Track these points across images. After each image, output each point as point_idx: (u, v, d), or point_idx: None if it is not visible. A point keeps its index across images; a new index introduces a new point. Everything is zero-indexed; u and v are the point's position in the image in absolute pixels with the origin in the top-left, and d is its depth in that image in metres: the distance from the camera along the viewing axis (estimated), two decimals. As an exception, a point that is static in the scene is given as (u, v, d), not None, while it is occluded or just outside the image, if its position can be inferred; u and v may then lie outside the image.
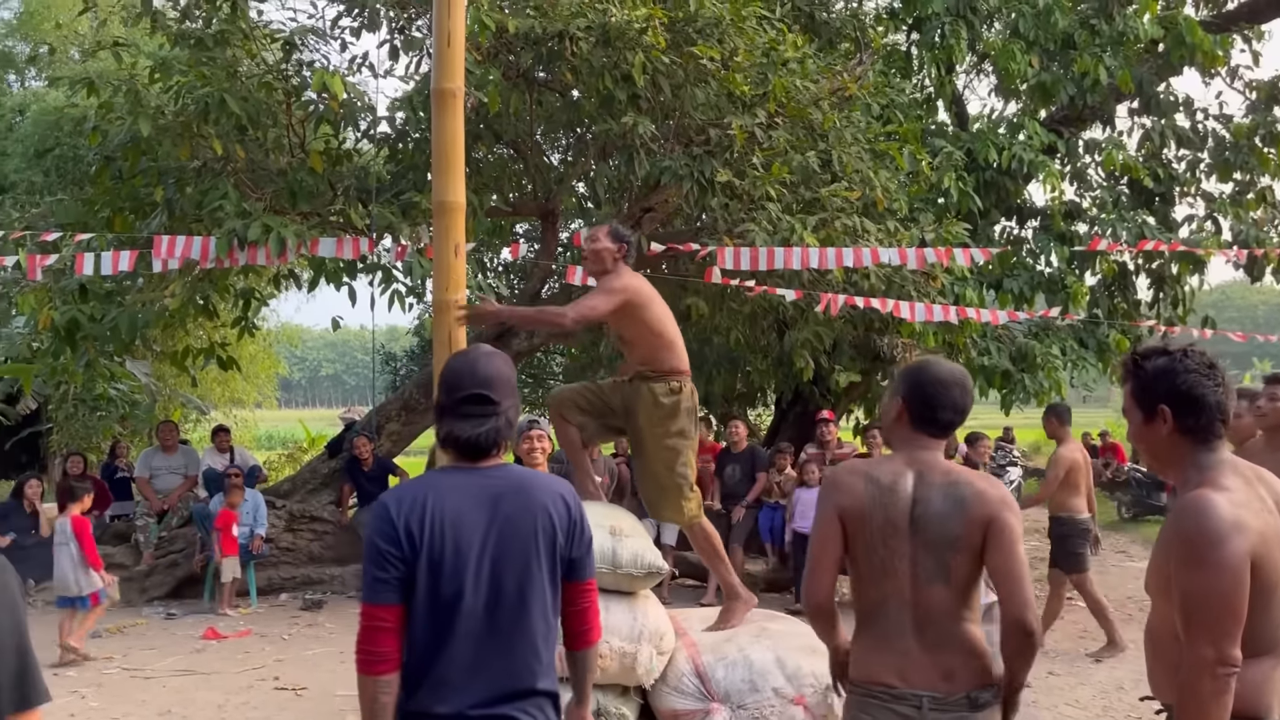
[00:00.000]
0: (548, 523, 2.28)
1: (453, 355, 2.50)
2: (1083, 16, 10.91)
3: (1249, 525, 2.11)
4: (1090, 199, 11.71)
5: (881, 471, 2.53)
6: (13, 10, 22.30)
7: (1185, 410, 2.24)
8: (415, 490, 2.30)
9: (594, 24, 8.01)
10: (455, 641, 2.20)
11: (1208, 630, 2.07)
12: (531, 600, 2.25)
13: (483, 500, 2.26)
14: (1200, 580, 2.09)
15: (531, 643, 2.25)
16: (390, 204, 8.41)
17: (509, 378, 2.40)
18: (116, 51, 8.71)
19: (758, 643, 3.48)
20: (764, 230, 8.29)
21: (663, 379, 4.06)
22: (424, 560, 2.19)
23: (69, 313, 8.26)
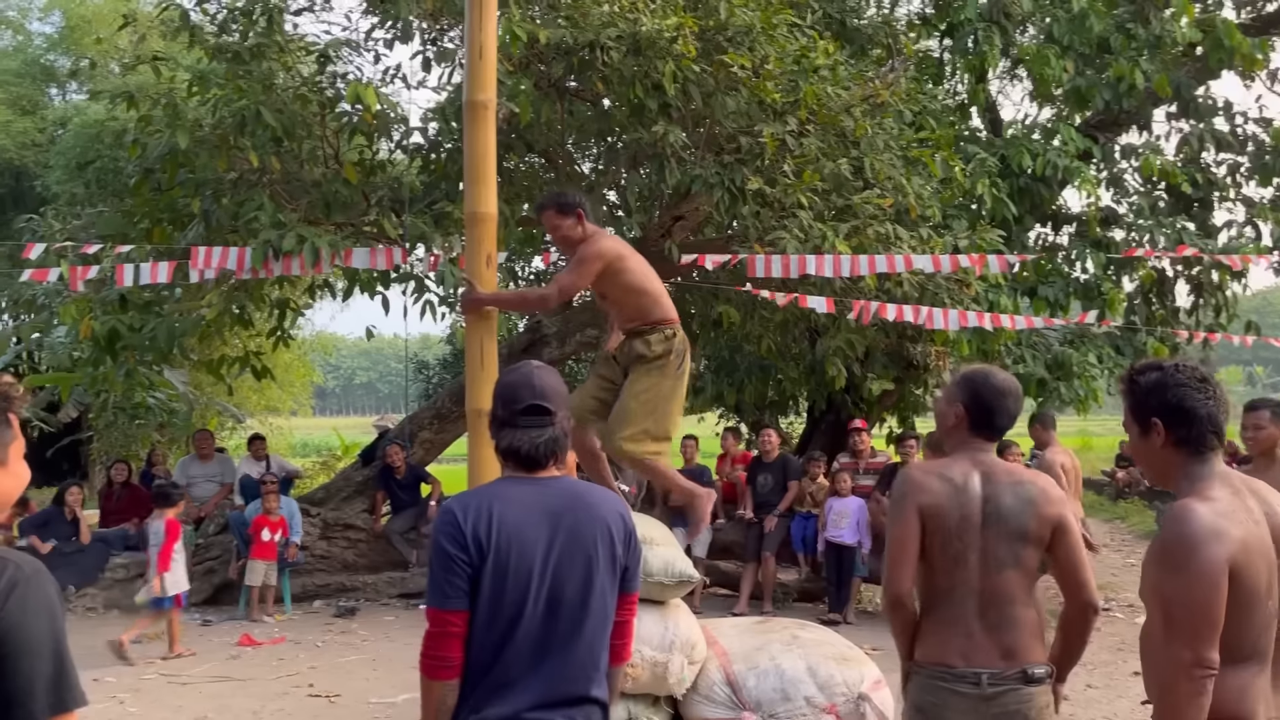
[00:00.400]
0: (607, 535, 2.34)
1: (506, 371, 2.54)
2: (1119, 20, 10.80)
3: (1229, 534, 2.18)
4: (1127, 205, 11.57)
5: (953, 472, 2.74)
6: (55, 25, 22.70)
7: (1177, 423, 2.32)
8: (481, 498, 2.34)
9: (625, 34, 8.04)
10: (514, 648, 2.24)
11: (1184, 633, 2.15)
12: (591, 610, 2.30)
13: (545, 511, 2.31)
14: (1178, 585, 2.17)
15: (590, 650, 2.30)
16: (423, 214, 8.48)
17: (562, 390, 2.46)
18: (155, 66, 8.87)
19: (789, 651, 3.47)
20: (795, 238, 8.28)
21: (655, 329, 4.07)
22: (490, 567, 2.24)
23: (109, 322, 8.41)
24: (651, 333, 4.06)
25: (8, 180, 19.36)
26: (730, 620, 4.29)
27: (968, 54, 10.54)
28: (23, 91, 20.51)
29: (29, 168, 19.15)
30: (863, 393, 10.46)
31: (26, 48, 22.01)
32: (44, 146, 19.30)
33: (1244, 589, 2.19)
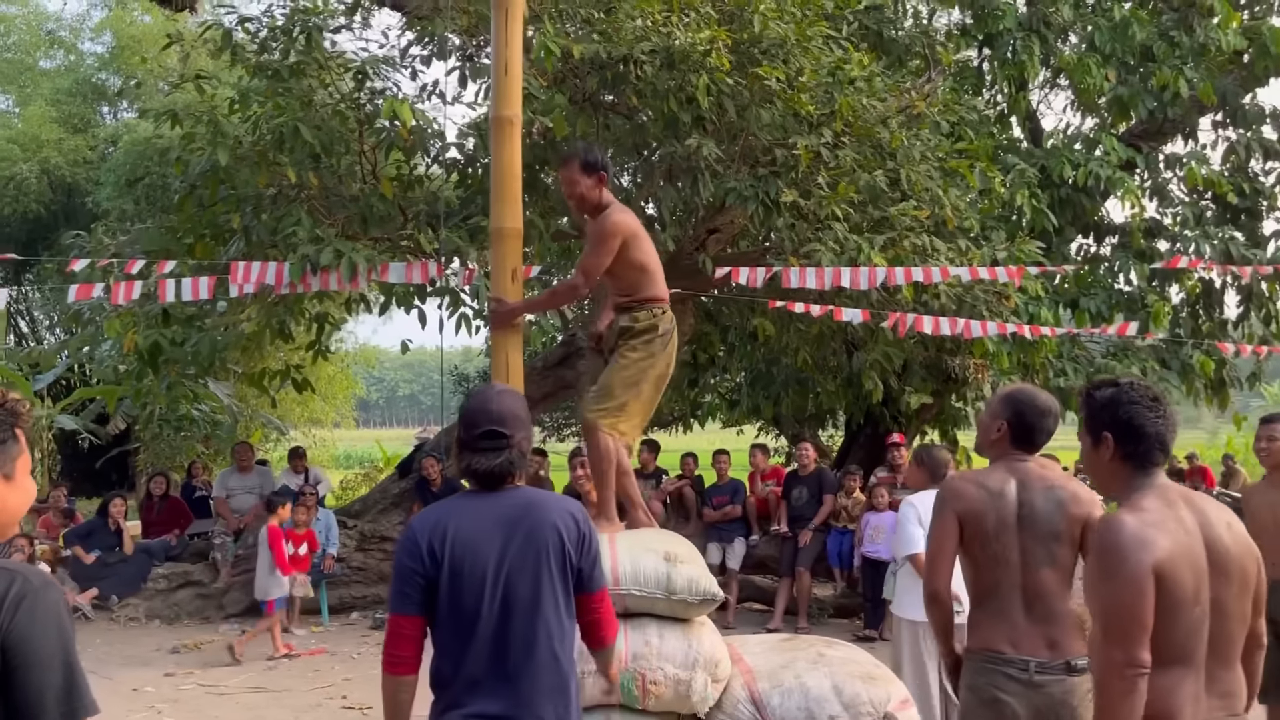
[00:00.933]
0: (556, 537, 2.54)
1: (470, 395, 2.75)
2: (1162, 29, 10.64)
3: (1156, 542, 2.34)
4: (1172, 215, 11.37)
5: (991, 480, 3.04)
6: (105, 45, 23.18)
7: (1126, 438, 2.49)
8: (439, 514, 2.60)
9: (658, 47, 8.06)
10: (475, 648, 2.48)
11: (1116, 635, 2.32)
12: (544, 606, 2.51)
13: (498, 520, 2.54)
14: (1109, 591, 2.35)
15: (549, 644, 2.51)
16: (458, 228, 8.54)
17: (519, 413, 2.65)
18: (199, 84, 9.03)
19: (815, 670, 3.42)
20: (830, 250, 8.23)
21: (643, 306, 4.03)
22: (445, 576, 2.48)
23: (151, 336, 8.56)
24: (639, 309, 4.02)
25: (60, 197, 19.76)
26: (757, 637, 4.25)
27: (1007, 63, 10.43)
28: (74, 110, 20.95)
29: (80, 184, 19.55)
30: (901, 406, 10.35)
31: (78, 67, 22.47)
32: (95, 163, 19.68)
33: (1170, 594, 2.33)
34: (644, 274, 4.03)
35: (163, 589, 9.33)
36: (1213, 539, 2.43)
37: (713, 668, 3.39)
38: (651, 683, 3.31)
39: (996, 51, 10.73)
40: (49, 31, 23.09)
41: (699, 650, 3.37)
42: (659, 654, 3.35)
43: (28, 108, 20.90)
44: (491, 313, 4.05)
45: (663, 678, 3.30)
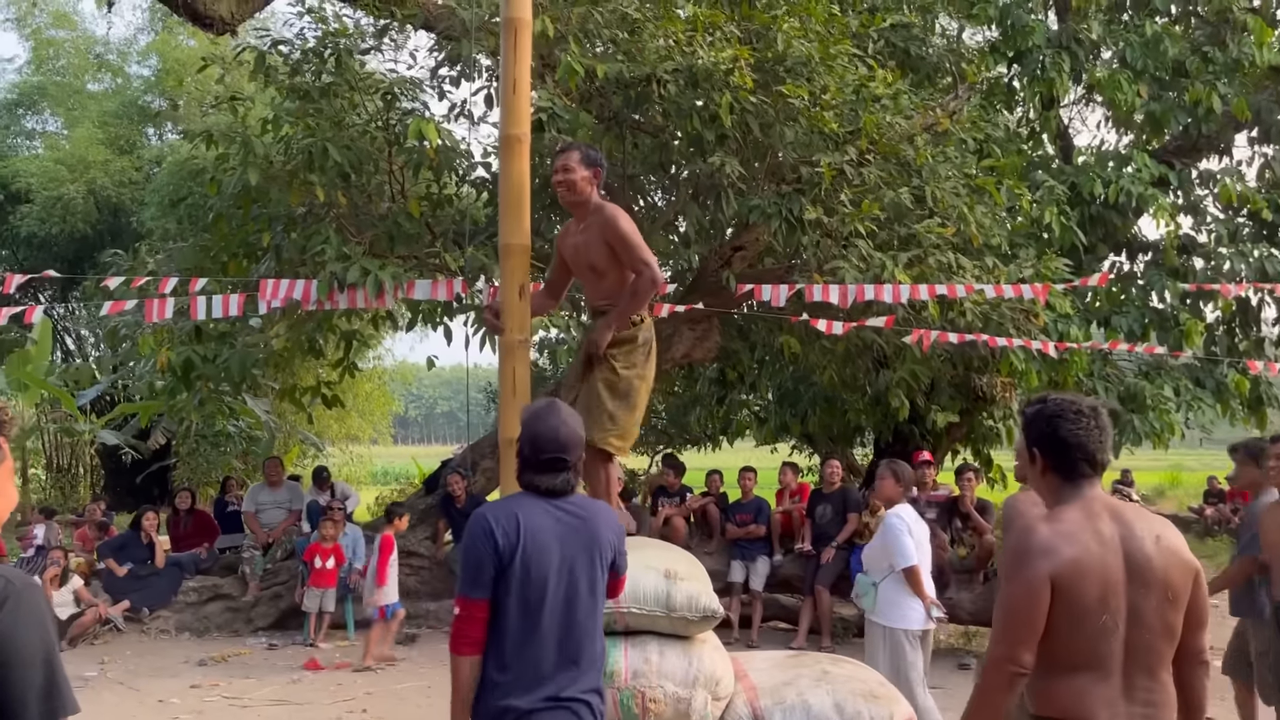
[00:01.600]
0: (606, 540, 2.86)
1: (538, 416, 2.92)
2: (1195, 44, 10.52)
3: (1058, 552, 2.41)
4: (1206, 232, 11.20)
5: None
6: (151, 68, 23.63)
7: (1050, 450, 2.56)
8: (508, 508, 2.83)
9: (681, 66, 8.10)
10: (543, 632, 2.70)
11: (1003, 632, 2.42)
12: (598, 600, 2.83)
13: (562, 520, 2.81)
14: (1006, 592, 2.45)
15: (599, 635, 2.84)
16: (484, 245, 8.62)
17: (580, 436, 2.92)
18: (233, 106, 9.22)
19: (818, 687, 3.40)
20: (854, 267, 8.20)
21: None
22: (517, 565, 2.71)
23: (184, 353, 8.71)
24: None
25: (106, 217, 20.16)
26: (764, 654, 4.22)
27: (1036, 80, 10.36)
28: (121, 131, 21.37)
29: (126, 204, 19.93)
30: (929, 424, 10.27)
31: (125, 90, 22.95)
32: (140, 184, 20.05)
33: (1071, 601, 2.40)
34: (627, 278, 4.00)
35: (192, 602, 9.45)
36: (1132, 550, 2.46)
37: (713, 685, 3.38)
38: (651, 700, 3.31)
39: (1026, 68, 10.66)
40: (97, 55, 23.61)
41: (699, 668, 3.37)
42: (659, 672, 3.35)
43: (75, 129, 21.36)
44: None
45: (662, 696, 3.30)
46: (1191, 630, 2.50)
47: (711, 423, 13.97)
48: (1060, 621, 2.39)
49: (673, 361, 10.10)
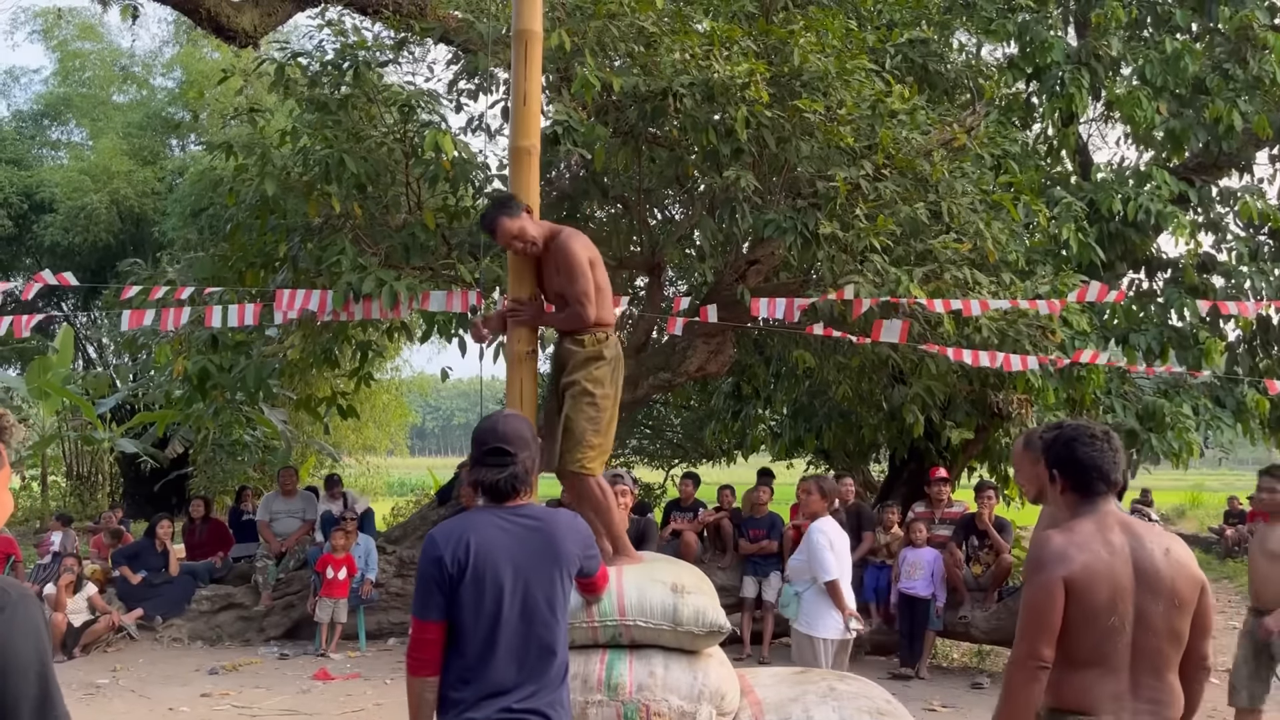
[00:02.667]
0: (563, 551, 2.79)
1: (483, 418, 2.96)
2: (1215, 61, 10.45)
3: (1072, 559, 2.67)
4: (1227, 251, 11.11)
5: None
6: (175, 80, 23.89)
7: (1068, 472, 2.82)
8: (458, 526, 2.78)
9: (696, 80, 8.12)
10: (500, 648, 2.68)
11: (1024, 632, 2.68)
12: (557, 611, 2.76)
13: (514, 532, 2.75)
14: (1026, 596, 2.71)
15: (560, 648, 2.77)
16: (499, 258, 8.64)
17: (524, 434, 2.88)
18: (252, 117, 9.30)
19: (824, 704, 3.37)
20: (869, 283, 8.17)
21: (586, 330, 3.94)
22: (468, 582, 2.68)
23: (200, 363, 8.76)
24: (584, 333, 3.94)
25: (128, 227, 20.37)
26: (770, 670, 4.19)
27: (1055, 96, 10.31)
28: (144, 143, 21.61)
29: (149, 215, 20.14)
30: (945, 441, 10.20)
31: (149, 101, 23.21)
32: (162, 195, 20.26)
33: (1082, 604, 2.65)
34: (593, 298, 3.96)
35: (205, 610, 9.47)
36: (1141, 560, 2.72)
37: (718, 700, 3.36)
38: (655, 714, 3.29)
39: (1044, 85, 10.62)
40: (122, 67, 23.90)
41: (704, 682, 3.34)
42: (664, 685, 3.33)
43: (100, 140, 21.60)
44: (510, 310, 4.04)
45: (667, 710, 3.28)
46: (1196, 638, 2.76)
47: (726, 437, 13.92)
48: (1072, 621, 2.65)
49: (687, 375, 10.09)
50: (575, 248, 3.90)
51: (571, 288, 3.92)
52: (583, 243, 3.96)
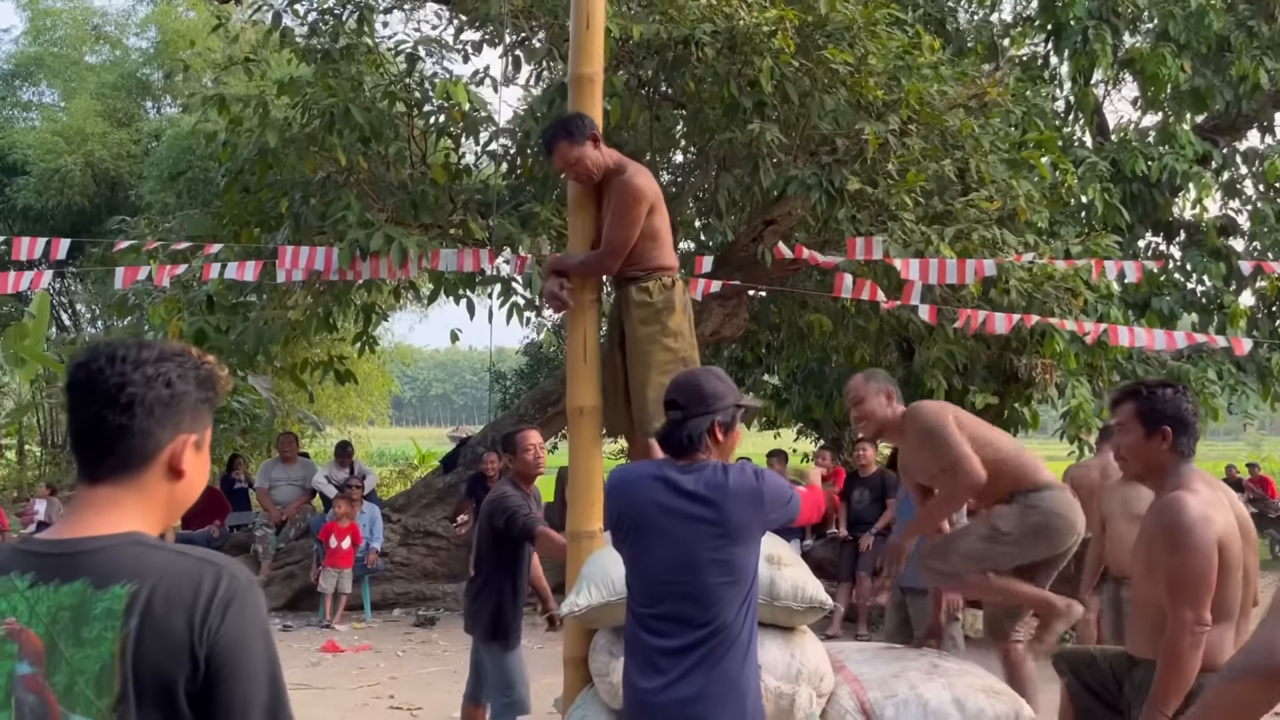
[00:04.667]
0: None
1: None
2: (1240, 18, 10.18)
3: (1214, 518, 2.75)
4: (1246, 213, 10.90)
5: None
6: (150, 40, 23.26)
7: (1181, 431, 2.90)
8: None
9: (720, 29, 7.76)
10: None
11: (1187, 598, 2.70)
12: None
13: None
14: (1180, 561, 2.72)
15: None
16: (510, 215, 8.29)
17: (696, 385, 2.73)
18: (247, 67, 8.84)
19: (931, 680, 3.10)
20: (897, 242, 7.89)
21: (652, 275, 3.60)
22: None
23: (196, 324, 8.35)
24: (648, 279, 3.59)
25: (103, 190, 19.78)
26: (855, 645, 3.94)
27: (1077, 53, 10.00)
28: (119, 104, 20.99)
29: (124, 178, 19.57)
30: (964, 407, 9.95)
31: (124, 62, 22.54)
32: (138, 157, 19.70)
33: (1224, 562, 2.74)
34: (654, 241, 3.62)
35: (203, 582, 9.11)
36: (1239, 513, 2.89)
37: (817, 681, 3.08)
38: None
39: (1064, 41, 10.31)
40: (95, 27, 23.20)
41: (802, 661, 3.06)
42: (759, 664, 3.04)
43: (73, 101, 20.97)
44: (549, 263, 3.77)
45: (764, 690, 2.98)
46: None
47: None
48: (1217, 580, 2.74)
49: (703, 339, 9.78)
50: (637, 186, 3.52)
51: (611, 230, 3.56)
52: (646, 181, 3.58)
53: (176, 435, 1.51)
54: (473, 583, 4.62)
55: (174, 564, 1.43)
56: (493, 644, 4.48)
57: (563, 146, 3.55)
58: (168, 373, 1.50)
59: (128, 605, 1.38)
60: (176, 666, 1.39)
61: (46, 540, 1.46)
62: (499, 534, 4.40)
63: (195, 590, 1.41)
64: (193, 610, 1.40)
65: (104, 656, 1.38)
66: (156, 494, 1.51)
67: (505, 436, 4.76)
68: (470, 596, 4.63)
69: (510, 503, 4.36)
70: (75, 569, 1.41)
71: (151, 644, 1.38)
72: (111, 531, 1.44)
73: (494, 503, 4.42)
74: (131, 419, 1.47)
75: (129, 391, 1.47)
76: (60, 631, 1.39)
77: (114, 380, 1.47)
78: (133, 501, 1.48)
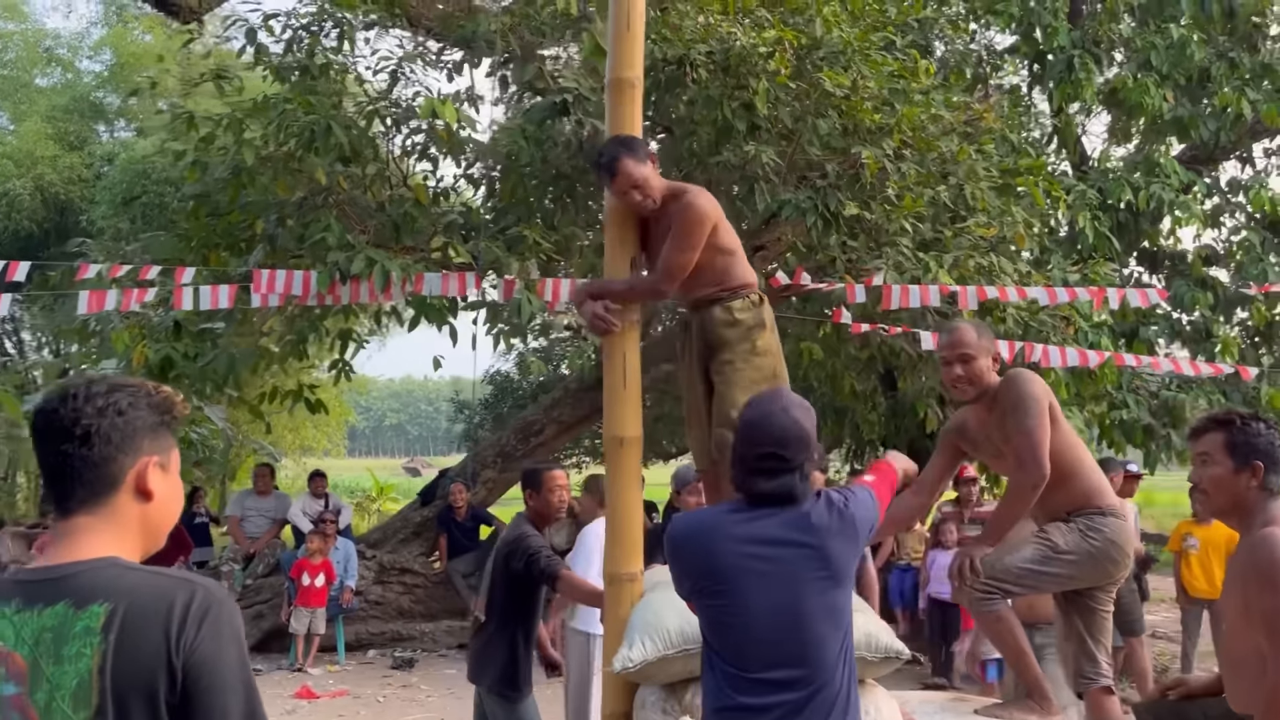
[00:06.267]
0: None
1: (753, 405, 2.54)
2: (1220, 49, 10.24)
3: None
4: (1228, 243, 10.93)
5: None
6: (104, 63, 22.88)
7: (1271, 468, 2.74)
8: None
9: (715, 50, 7.58)
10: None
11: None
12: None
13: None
14: (1278, 602, 2.51)
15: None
16: (496, 239, 7.99)
17: (802, 433, 2.42)
18: (219, 85, 8.49)
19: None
20: (892, 269, 7.73)
21: (737, 295, 3.36)
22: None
23: (163, 350, 7.93)
24: (733, 299, 3.35)
25: (53, 214, 19.28)
26: (918, 695, 3.68)
27: (1063, 82, 9.97)
28: (71, 127, 20.54)
29: (75, 202, 19.11)
30: (951, 438, 9.80)
31: (76, 85, 22.09)
32: (90, 182, 19.26)
33: None
34: (732, 257, 3.40)
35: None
36: None
37: (892, 734, 2.80)
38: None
39: (1049, 70, 10.29)
40: (47, 49, 22.73)
41: (878, 715, 2.79)
42: None
43: (23, 124, 20.47)
44: (575, 289, 3.50)
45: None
46: None
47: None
48: None
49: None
50: (701, 208, 3.27)
51: (672, 253, 3.29)
52: (709, 202, 3.33)
53: (138, 459, 1.60)
54: (483, 629, 4.27)
55: (150, 582, 1.52)
56: (505, 695, 4.14)
57: (628, 164, 3.27)
58: (118, 401, 1.60)
59: (105, 623, 1.47)
60: (155, 678, 1.47)
61: (33, 569, 1.57)
62: (516, 577, 4.08)
63: (170, 605, 1.49)
64: (168, 624, 1.48)
65: (81, 672, 1.47)
66: (129, 518, 1.60)
67: (529, 472, 4.44)
68: (480, 644, 4.28)
69: (531, 544, 4.04)
70: (57, 593, 1.50)
71: (129, 657, 1.46)
72: (90, 556, 1.54)
73: (513, 543, 4.09)
74: (90, 449, 1.57)
75: (83, 424, 1.57)
76: (43, 652, 1.48)
77: (69, 417, 1.58)
78: (107, 528, 1.58)
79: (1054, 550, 3.36)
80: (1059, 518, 3.47)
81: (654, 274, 3.41)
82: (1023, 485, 3.36)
